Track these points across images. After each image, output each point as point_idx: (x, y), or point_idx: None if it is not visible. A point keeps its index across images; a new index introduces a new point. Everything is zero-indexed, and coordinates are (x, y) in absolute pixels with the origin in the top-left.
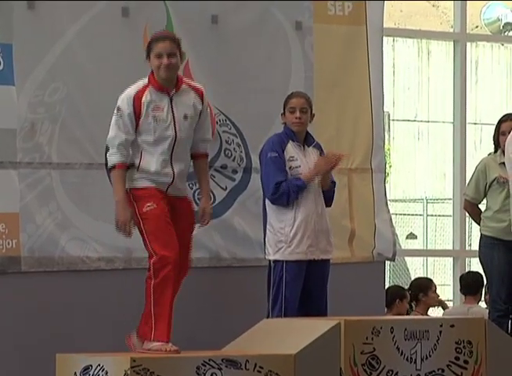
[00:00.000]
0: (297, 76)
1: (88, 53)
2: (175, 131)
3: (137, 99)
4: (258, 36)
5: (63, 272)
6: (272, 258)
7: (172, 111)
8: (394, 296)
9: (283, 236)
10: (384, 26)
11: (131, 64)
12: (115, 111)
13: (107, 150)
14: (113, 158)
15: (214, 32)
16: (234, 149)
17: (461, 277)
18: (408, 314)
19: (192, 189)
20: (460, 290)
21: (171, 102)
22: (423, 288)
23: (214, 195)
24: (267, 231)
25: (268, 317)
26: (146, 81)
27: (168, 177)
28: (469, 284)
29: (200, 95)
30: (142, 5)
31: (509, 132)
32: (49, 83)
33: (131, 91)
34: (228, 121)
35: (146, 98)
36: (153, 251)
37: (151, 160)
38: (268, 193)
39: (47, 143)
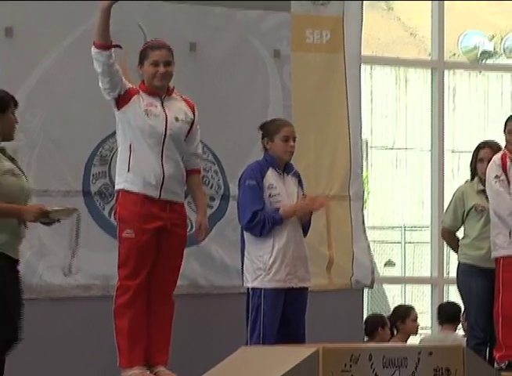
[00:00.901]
0: (275, 104)
1: (67, 80)
2: (166, 129)
3: (131, 91)
4: (236, 64)
5: (40, 300)
6: (250, 285)
7: (164, 111)
8: (377, 324)
9: (262, 263)
10: (362, 54)
11: None
12: None
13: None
14: None
15: (192, 60)
16: (212, 176)
17: (439, 308)
18: (389, 342)
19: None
20: (438, 319)
21: (163, 104)
22: (401, 316)
23: (191, 222)
24: (245, 258)
25: (246, 344)
26: (137, 87)
27: (158, 175)
28: (447, 315)
29: (191, 107)
30: (120, 32)
31: (487, 159)
32: (28, 109)
33: None
34: (205, 149)
35: (137, 97)
36: (118, 276)
37: (141, 156)
38: (243, 220)
39: (24, 170)
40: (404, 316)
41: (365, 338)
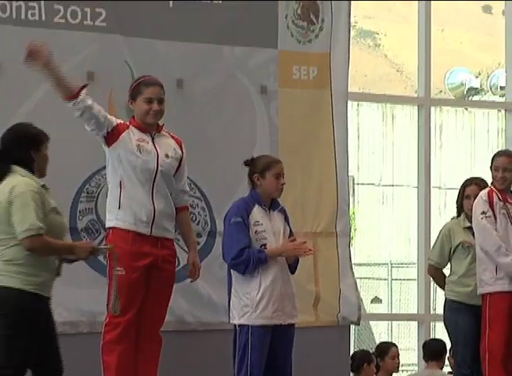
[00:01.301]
0: (262, 140)
1: (53, 117)
2: (157, 165)
3: (120, 126)
4: (223, 100)
5: None
6: (237, 322)
7: (155, 147)
8: (363, 360)
9: (249, 300)
10: (349, 90)
11: None
12: None
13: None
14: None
15: (180, 96)
16: (198, 213)
17: (424, 345)
18: None
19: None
20: (423, 357)
21: (153, 140)
22: (381, 353)
23: (178, 259)
24: (232, 295)
25: None
26: (126, 123)
27: (149, 211)
28: (432, 352)
29: (179, 144)
30: (107, 69)
31: (474, 196)
32: None
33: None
34: (192, 185)
35: (127, 133)
36: (107, 312)
37: (132, 192)
38: (228, 257)
39: None
40: (383, 353)
41: (351, 374)
